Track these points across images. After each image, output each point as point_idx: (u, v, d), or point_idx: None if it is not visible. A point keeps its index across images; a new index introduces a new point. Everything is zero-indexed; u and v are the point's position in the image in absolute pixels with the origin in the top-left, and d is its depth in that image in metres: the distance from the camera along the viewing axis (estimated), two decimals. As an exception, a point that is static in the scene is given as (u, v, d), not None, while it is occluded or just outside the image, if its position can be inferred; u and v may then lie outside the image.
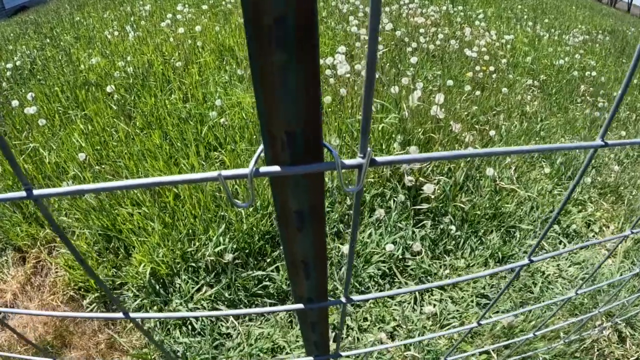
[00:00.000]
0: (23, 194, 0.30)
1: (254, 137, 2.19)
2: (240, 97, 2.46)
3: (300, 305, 0.50)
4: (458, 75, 2.96)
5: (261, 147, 0.33)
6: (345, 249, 1.67)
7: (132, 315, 0.46)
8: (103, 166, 2.06)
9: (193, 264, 1.68)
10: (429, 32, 3.44)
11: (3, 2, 7.78)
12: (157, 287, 1.67)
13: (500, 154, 0.39)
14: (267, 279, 1.66)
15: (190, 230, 1.74)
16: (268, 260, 1.70)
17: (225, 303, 1.64)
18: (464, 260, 1.77)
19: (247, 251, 1.71)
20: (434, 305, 1.63)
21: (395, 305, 1.63)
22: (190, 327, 1.60)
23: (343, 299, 0.51)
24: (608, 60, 4.09)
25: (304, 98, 0.28)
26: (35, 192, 0.31)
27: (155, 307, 1.64)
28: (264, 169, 0.33)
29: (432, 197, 1.82)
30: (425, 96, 2.49)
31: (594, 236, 2.06)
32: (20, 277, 1.93)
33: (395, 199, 1.83)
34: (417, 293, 1.66)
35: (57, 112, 2.57)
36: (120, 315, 0.46)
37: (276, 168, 0.33)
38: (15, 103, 2.55)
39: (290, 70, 0.26)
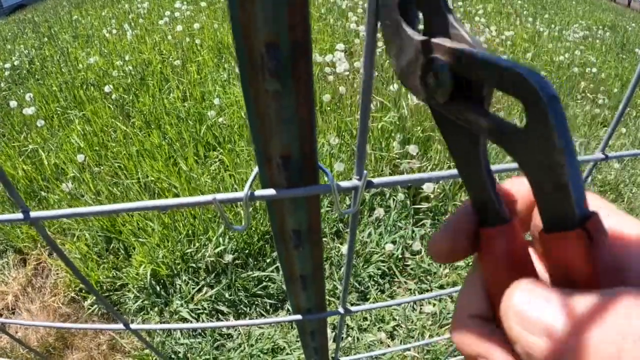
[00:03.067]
0: (20, 216, 0.30)
1: (253, 136, 2.18)
2: (238, 95, 2.46)
3: (299, 317, 0.50)
4: (458, 72, 2.94)
5: (256, 169, 0.33)
6: (344, 249, 1.67)
7: (132, 327, 0.46)
8: (102, 167, 2.05)
9: (193, 265, 1.68)
10: (428, 29, 3.42)
11: (1, 1, 7.73)
12: (158, 288, 1.67)
13: (500, 171, 0.38)
14: (267, 279, 1.67)
15: (189, 231, 1.75)
16: (268, 260, 1.70)
17: (226, 303, 1.64)
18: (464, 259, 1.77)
19: (246, 252, 1.72)
20: (434, 305, 1.64)
21: (395, 304, 1.64)
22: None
23: (341, 310, 0.51)
24: (608, 56, 4.07)
25: (298, 123, 0.28)
26: (33, 214, 0.31)
27: (156, 309, 1.64)
28: (259, 192, 0.33)
29: (432, 196, 1.82)
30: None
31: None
32: (21, 279, 1.94)
33: (395, 198, 1.83)
34: (416, 292, 1.66)
35: (55, 113, 2.57)
36: (120, 326, 0.46)
37: (271, 191, 0.33)
38: (13, 104, 2.55)
39: (284, 98, 0.26)
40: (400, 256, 1.72)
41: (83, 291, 1.80)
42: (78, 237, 1.86)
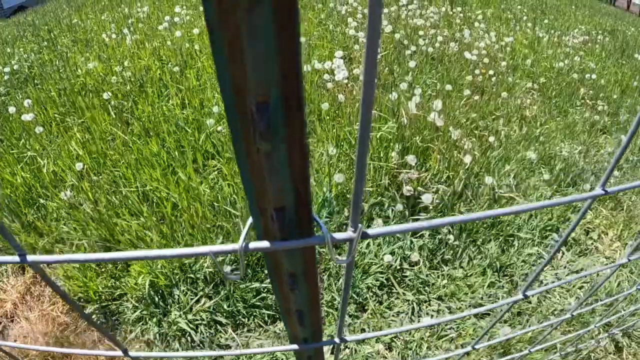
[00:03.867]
0: (17, 259, 0.30)
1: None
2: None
3: (295, 346, 0.50)
4: (457, 79, 2.95)
5: (250, 220, 0.33)
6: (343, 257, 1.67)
7: (131, 354, 0.46)
8: (100, 176, 2.05)
9: (192, 276, 1.68)
10: (428, 34, 3.42)
11: (1, 2, 7.74)
12: (156, 298, 1.67)
13: (496, 215, 0.38)
14: (265, 291, 1.67)
15: (188, 241, 1.75)
16: (266, 271, 1.70)
17: (224, 314, 1.64)
18: (462, 270, 1.77)
19: (245, 263, 1.71)
20: (432, 316, 1.64)
21: (393, 316, 1.64)
22: (189, 338, 1.61)
23: (337, 340, 0.51)
24: (608, 62, 4.07)
25: (291, 178, 0.28)
26: (29, 258, 0.31)
27: (154, 319, 1.64)
28: (253, 244, 0.33)
29: (431, 207, 1.82)
30: (425, 100, 2.48)
31: (592, 244, 2.06)
32: (20, 287, 1.94)
33: (394, 209, 1.83)
34: (414, 304, 1.66)
35: (54, 119, 2.56)
36: (119, 353, 0.46)
37: (265, 244, 0.33)
38: (12, 110, 2.55)
39: (276, 156, 0.26)
40: (398, 267, 1.72)
41: (82, 300, 1.80)
42: (77, 246, 1.86)
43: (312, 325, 0.49)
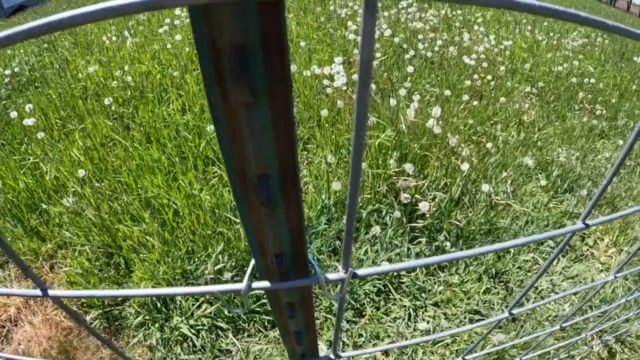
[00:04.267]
0: (38, 292, 0.33)
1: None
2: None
3: (293, 363, 0.53)
4: (456, 83, 2.96)
5: (252, 262, 0.37)
6: (340, 267, 1.70)
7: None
8: (102, 183, 2.08)
9: (193, 282, 1.71)
10: (427, 38, 3.44)
11: (1, 1, 7.73)
12: (158, 304, 1.70)
13: (478, 254, 0.41)
14: (265, 297, 1.69)
15: (189, 248, 1.77)
16: (266, 277, 1.73)
17: (225, 320, 1.67)
18: (458, 276, 1.80)
19: (245, 269, 1.74)
20: (428, 322, 1.67)
21: (389, 321, 1.67)
22: (191, 343, 1.64)
23: (332, 356, 0.55)
24: (607, 65, 4.08)
25: (289, 231, 0.31)
26: (50, 292, 0.34)
27: (156, 324, 1.67)
28: (256, 284, 0.37)
29: (428, 214, 1.85)
30: (424, 105, 2.50)
31: (588, 250, 2.09)
32: (23, 292, 1.96)
33: (391, 215, 1.86)
34: (411, 310, 1.69)
35: (55, 124, 2.59)
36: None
37: (266, 284, 0.37)
38: (14, 114, 2.57)
39: (276, 216, 0.29)
40: (395, 273, 1.75)
41: (85, 306, 1.83)
42: (79, 252, 1.89)
43: (309, 343, 0.52)
